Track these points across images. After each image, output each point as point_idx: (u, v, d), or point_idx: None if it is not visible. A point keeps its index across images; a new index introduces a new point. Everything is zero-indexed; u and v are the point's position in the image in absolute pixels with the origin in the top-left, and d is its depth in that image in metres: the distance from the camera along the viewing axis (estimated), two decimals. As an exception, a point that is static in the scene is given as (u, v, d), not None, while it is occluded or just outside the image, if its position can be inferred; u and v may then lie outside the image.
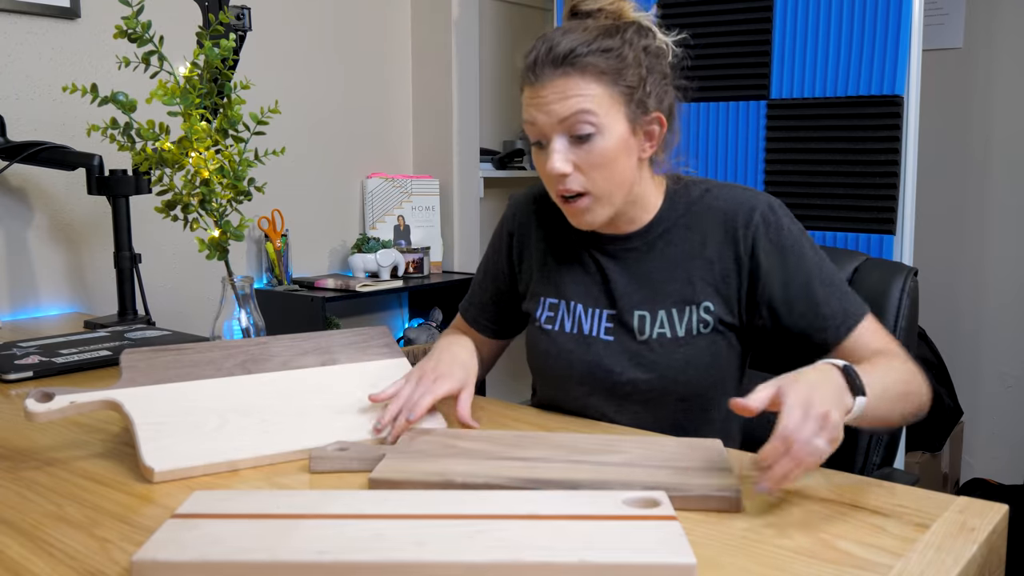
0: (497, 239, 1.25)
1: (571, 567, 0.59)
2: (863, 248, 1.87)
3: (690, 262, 1.09)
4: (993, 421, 2.82)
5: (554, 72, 1.01)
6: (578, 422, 1.06)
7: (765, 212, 1.07)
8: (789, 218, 1.08)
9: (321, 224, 2.50)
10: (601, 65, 1.01)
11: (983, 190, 2.78)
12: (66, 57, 1.89)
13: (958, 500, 0.77)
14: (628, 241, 1.12)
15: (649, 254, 1.11)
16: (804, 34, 1.92)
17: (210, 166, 1.12)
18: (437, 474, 0.81)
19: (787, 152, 1.96)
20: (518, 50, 1.06)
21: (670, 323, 1.08)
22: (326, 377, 1.00)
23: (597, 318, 1.12)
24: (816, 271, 1.05)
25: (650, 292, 1.09)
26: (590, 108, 1.00)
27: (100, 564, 0.67)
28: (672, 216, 1.11)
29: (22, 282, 1.85)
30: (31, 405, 0.85)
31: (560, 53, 1.00)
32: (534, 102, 1.02)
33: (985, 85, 2.75)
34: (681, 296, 1.08)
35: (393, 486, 0.80)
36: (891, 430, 1.22)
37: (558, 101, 1.00)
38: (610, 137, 1.01)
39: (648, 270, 1.10)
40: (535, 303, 1.16)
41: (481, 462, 0.84)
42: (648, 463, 0.84)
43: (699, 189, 1.12)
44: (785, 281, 1.05)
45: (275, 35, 2.32)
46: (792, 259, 1.05)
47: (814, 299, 1.04)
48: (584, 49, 1.00)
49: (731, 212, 1.08)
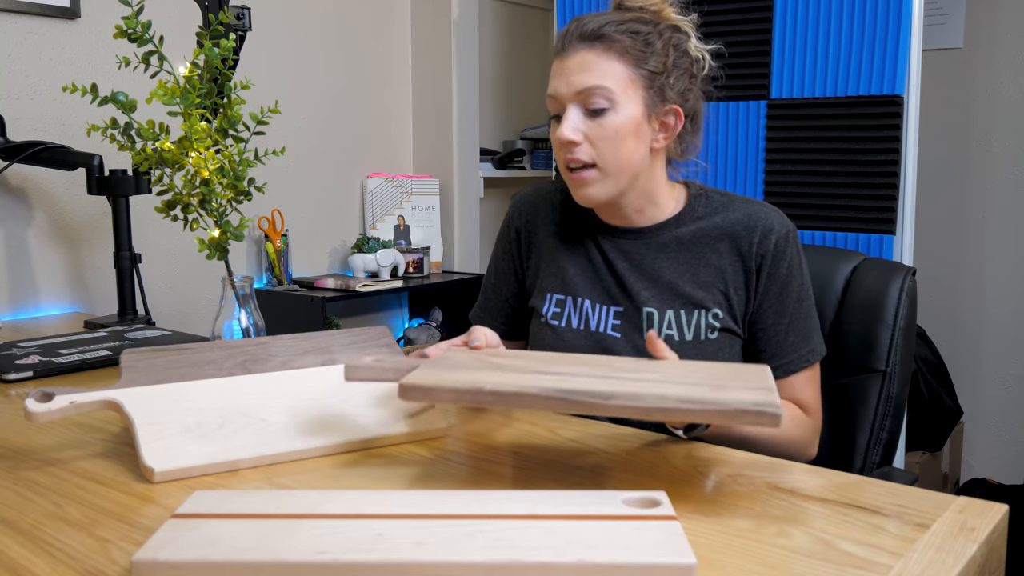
0: (504, 239, 1.25)
1: (571, 567, 0.59)
2: (863, 248, 1.87)
3: (702, 268, 1.09)
4: (993, 421, 2.82)
5: (580, 44, 1.04)
6: (582, 421, 1.05)
7: (780, 240, 1.09)
8: (796, 248, 1.11)
9: (321, 224, 2.50)
10: (627, 43, 1.04)
11: (983, 190, 2.78)
12: (66, 57, 1.89)
13: (958, 500, 0.77)
14: (639, 235, 1.12)
15: (661, 253, 1.11)
16: (804, 34, 1.92)
17: (210, 166, 1.12)
18: (467, 383, 0.78)
19: (787, 152, 1.96)
20: (518, 50, 1.07)
21: (678, 324, 1.08)
22: (326, 377, 1.00)
23: (604, 314, 1.12)
24: (795, 310, 1.10)
25: (659, 290, 1.10)
26: (607, 85, 1.03)
27: (100, 564, 0.67)
28: (688, 219, 1.12)
29: (22, 282, 1.85)
30: (31, 405, 0.85)
31: (590, 28, 1.04)
32: (559, 71, 1.06)
33: (985, 85, 2.75)
34: (691, 299, 1.08)
35: (423, 393, 0.78)
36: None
37: (578, 72, 1.03)
38: (623, 115, 1.04)
39: (659, 269, 1.11)
40: (541, 299, 1.17)
41: (513, 374, 0.82)
42: (684, 380, 0.81)
43: (719, 200, 1.13)
44: (770, 308, 1.09)
45: (275, 35, 2.32)
46: (783, 292, 1.09)
47: (781, 334, 1.10)
48: (613, 28, 1.04)
49: (749, 228, 1.09)
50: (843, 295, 1.29)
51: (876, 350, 1.24)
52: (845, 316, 1.27)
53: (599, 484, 0.82)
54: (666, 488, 0.81)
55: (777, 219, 1.10)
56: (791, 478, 0.83)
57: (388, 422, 0.96)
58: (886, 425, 1.24)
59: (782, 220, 1.10)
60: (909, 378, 1.28)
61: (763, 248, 1.08)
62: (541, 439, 0.96)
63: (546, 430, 1.00)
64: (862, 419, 1.25)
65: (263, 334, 1.15)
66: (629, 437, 0.96)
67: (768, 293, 1.09)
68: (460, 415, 1.05)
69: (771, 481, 0.83)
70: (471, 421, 1.03)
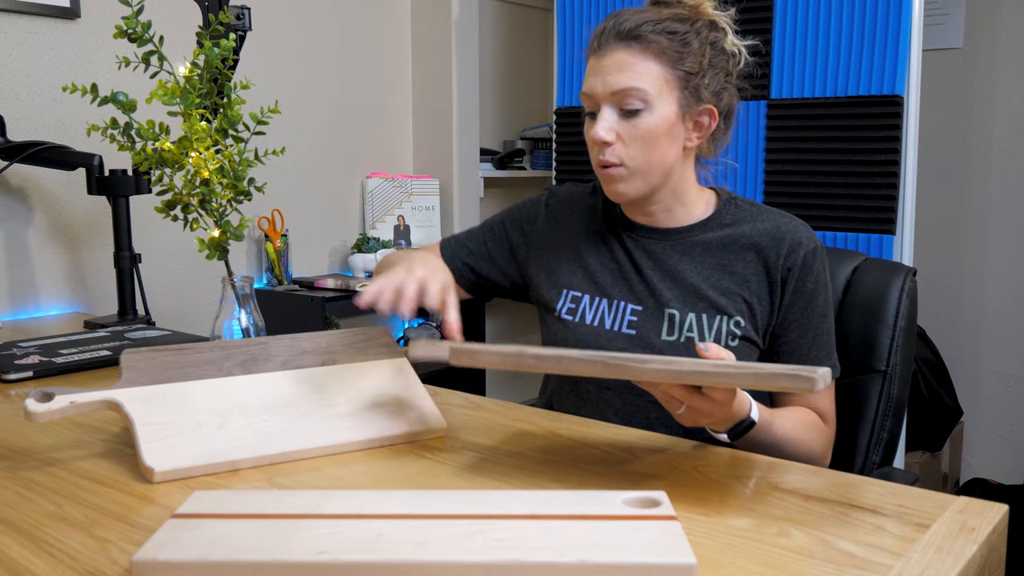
0: (523, 211, 1.24)
1: (571, 567, 0.59)
2: (863, 248, 1.87)
3: (727, 275, 1.09)
4: (993, 421, 2.82)
5: (617, 43, 1.04)
6: (582, 421, 1.05)
7: (808, 255, 1.09)
8: (823, 264, 1.11)
9: (321, 224, 2.50)
10: (663, 44, 1.03)
11: (983, 190, 2.78)
12: (66, 57, 1.89)
13: (958, 500, 0.77)
14: (666, 236, 1.12)
15: (687, 255, 1.11)
16: (804, 34, 1.92)
17: (210, 166, 1.12)
18: (512, 349, 0.82)
19: (787, 152, 1.96)
20: (518, 50, 1.07)
21: (699, 328, 1.08)
22: (326, 377, 1.00)
23: (621, 312, 1.11)
24: (819, 325, 1.09)
25: (682, 292, 1.09)
26: (642, 87, 1.03)
27: (100, 564, 0.67)
28: (716, 225, 1.12)
29: (22, 282, 1.85)
30: (31, 405, 0.85)
31: (627, 27, 1.03)
32: (595, 70, 1.05)
33: (985, 85, 2.75)
34: (714, 304, 1.08)
35: (471, 357, 0.83)
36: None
37: (614, 72, 1.03)
38: (658, 115, 1.04)
39: (683, 271, 1.10)
40: (557, 294, 1.16)
41: (558, 349, 0.83)
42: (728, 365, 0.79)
43: (749, 209, 1.13)
44: (795, 322, 1.09)
45: (275, 35, 2.32)
46: (809, 307, 1.09)
47: (804, 348, 1.09)
48: (650, 28, 1.03)
49: (777, 240, 1.09)
50: (843, 295, 1.29)
51: (876, 350, 1.24)
52: (845, 316, 1.27)
53: (599, 484, 0.82)
54: (666, 488, 0.81)
55: (805, 233, 1.10)
56: (791, 478, 0.83)
57: (388, 422, 0.96)
58: (886, 425, 1.24)
59: (810, 235, 1.10)
60: (909, 378, 1.28)
61: (790, 261, 1.08)
62: (541, 439, 0.96)
63: (546, 430, 0.99)
64: (862, 419, 1.25)
65: (263, 334, 1.15)
66: (629, 437, 0.96)
67: (794, 307, 1.08)
68: (460, 415, 1.05)
69: (771, 481, 0.83)
70: (471, 421, 1.03)
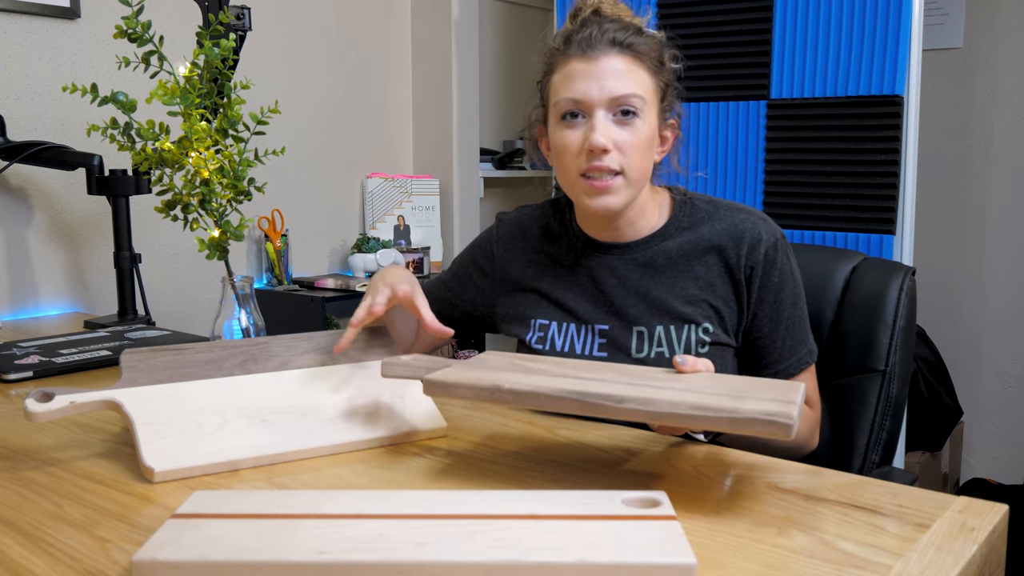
0: (478, 250, 1.23)
1: (571, 567, 0.59)
2: (863, 248, 1.87)
3: (690, 282, 1.08)
4: (993, 421, 2.82)
5: (611, 49, 1.02)
6: (582, 421, 1.05)
7: (769, 249, 1.07)
8: (786, 255, 1.10)
9: (321, 224, 2.50)
10: (653, 56, 1.04)
11: (983, 190, 2.78)
12: (66, 57, 1.89)
13: (958, 500, 0.77)
14: (626, 251, 1.11)
15: (649, 268, 1.10)
16: (804, 34, 1.92)
17: (210, 166, 1.12)
18: (488, 381, 0.81)
19: (787, 152, 1.96)
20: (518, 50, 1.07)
21: (668, 341, 1.07)
22: (326, 377, 1.00)
23: (590, 335, 1.11)
24: (790, 315, 1.09)
25: (648, 307, 1.09)
26: (641, 94, 1.03)
27: (100, 564, 0.67)
28: (674, 231, 1.11)
29: (22, 282, 1.85)
30: (31, 405, 0.85)
31: (618, 36, 1.03)
32: (587, 74, 1.02)
33: (985, 85, 2.75)
34: (680, 314, 1.07)
35: (445, 389, 0.82)
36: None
37: (615, 78, 1.02)
38: (648, 125, 1.04)
39: (646, 286, 1.09)
40: (525, 327, 1.15)
41: (538, 377, 0.83)
42: (707, 391, 0.79)
43: (705, 208, 1.12)
44: (765, 317, 1.09)
45: (275, 35, 2.32)
46: (778, 300, 1.09)
47: (776, 340, 1.09)
48: (638, 39, 1.04)
49: (736, 239, 1.08)
50: (843, 295, 1.29)
51: (876, 350, 1.24)
52: (845, 316, 1.27)
53: (599, 484, 0.82)
54: (666, 488, 0.81)
55: (764, 227, 1.08)
56: (791, 478, 0.83)
57: (388, 422, 0.96)
58: (886, 425, 1.24)
59: (769, 228, 1.09)
60: (909, 378, 1.28)
61: (752, 260, 1.07)
62: (541, 439, 0.96)
63: (546, 430, 0.99)
64: (862, 419, 1.25)
65: (263, 334, 1.15)
66: (629, 437, 0.96)
67: (763, 303, 1.08)
68: (460, 415, 1.05)
69: (771, 481, 0.83)
70: (471, 421, 1.03)
